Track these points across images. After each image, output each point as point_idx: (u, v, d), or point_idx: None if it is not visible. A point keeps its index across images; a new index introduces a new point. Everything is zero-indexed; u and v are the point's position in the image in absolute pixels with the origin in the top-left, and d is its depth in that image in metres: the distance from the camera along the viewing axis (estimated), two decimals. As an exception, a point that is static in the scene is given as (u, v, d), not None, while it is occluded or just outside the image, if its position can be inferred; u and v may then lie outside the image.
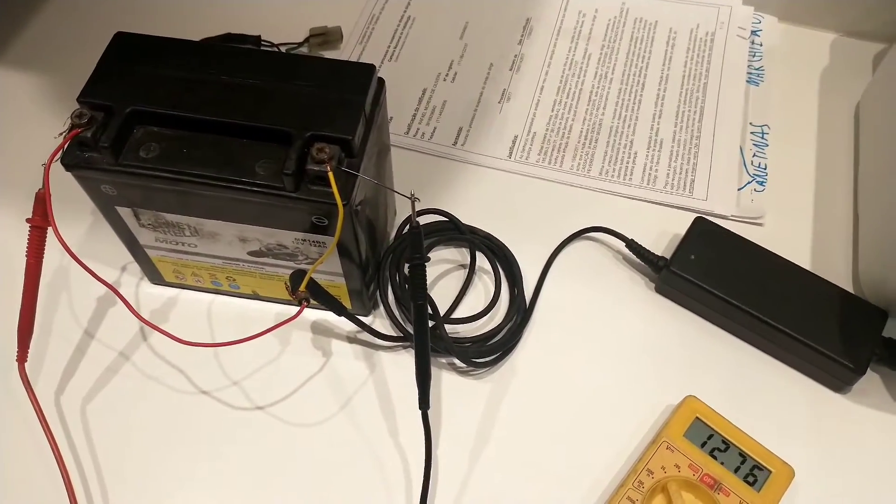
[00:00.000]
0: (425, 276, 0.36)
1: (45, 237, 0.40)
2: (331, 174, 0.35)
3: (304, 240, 0.40)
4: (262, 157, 0.37)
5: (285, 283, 0.40)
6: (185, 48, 0.40)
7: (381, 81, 0.41)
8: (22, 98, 0.57)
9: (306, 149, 0.36)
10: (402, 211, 0.51)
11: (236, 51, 0.40)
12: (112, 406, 0.45)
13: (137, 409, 0.45)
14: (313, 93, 0.38)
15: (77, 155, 0.38)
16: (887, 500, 0.43)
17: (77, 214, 0.50)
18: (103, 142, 0.37)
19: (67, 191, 0.39)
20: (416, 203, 0.35)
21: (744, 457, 0.42)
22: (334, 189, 0.36)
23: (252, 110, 0.38)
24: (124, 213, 0.41)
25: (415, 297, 0.37)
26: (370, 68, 0.39)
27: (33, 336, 0.43)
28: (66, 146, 0.37)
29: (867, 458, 0.44)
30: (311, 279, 0.40)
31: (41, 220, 0.39)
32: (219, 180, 0.37)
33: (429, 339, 0.39)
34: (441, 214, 0.50)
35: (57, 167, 0.38)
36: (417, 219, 0.40)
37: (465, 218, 0.50)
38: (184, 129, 0.38)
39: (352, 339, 0.47)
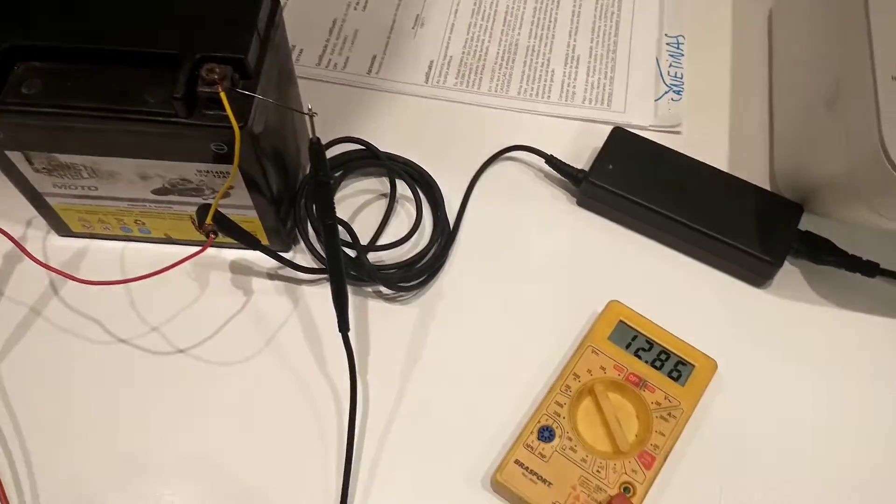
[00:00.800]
0: (331, 193, 0.35)
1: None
2: (222, 94, 0.34)
3: (208, 171, 0.39)
4: (152, 84, 0.36)
5: (191, 217, 0.38)
6: (62, -23, 0.38)
7: (274, 0, 0.39)
8: None
9: (196, 71, 0.35)
10: (318, 143, 0.50)
11: (116, -24, 0.38)
12: (27, 363, 0.43)
13: (54, 363, 0.43)
14: (202, 13, 0.37)
15: (-46, 97, 0.36)
16: (808, 386, 0.44)
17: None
18: (-21, 80, 0.35)
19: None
20: (313, 118, 0.33)
21: (667, 354, 0.42)
22: (228, 110, 0.34)
23: (138, 35, 0.36)
24: (15, 157, 0.39)
25: (322, 216, 0.36)
26: (261, -16, 0.38)
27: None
28: (-61, 88, 0.35)
29: (788, 348, 0.45)
30: (219, 212, 0.39)
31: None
32: (106, 111, 0.35)
33: (343, 260, 0.38)
34: (357, 143, 0.49)
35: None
36: (330, 149, 0.39)
37: (385, 146, 0.49)
38: (67, 62, 0.36)
39: (273, 276, 0.46)
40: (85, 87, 0.36)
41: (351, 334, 0.41)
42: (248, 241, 0.41)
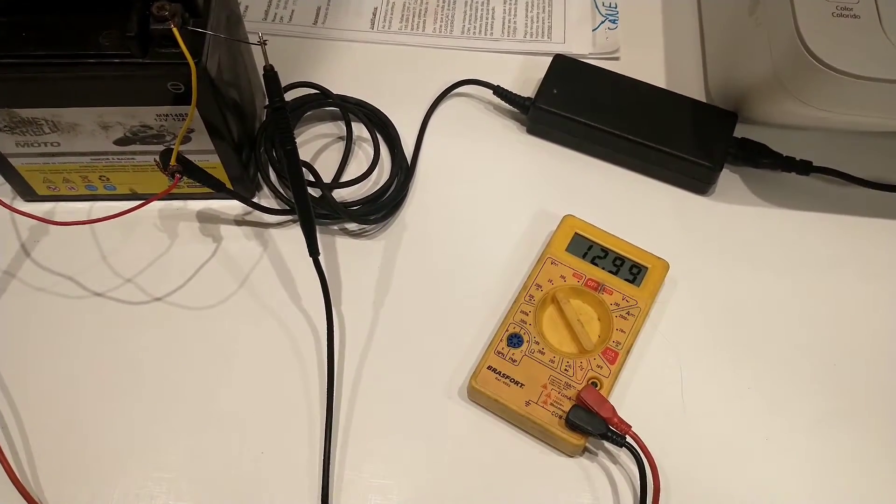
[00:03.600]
0: (288, 119, 0.37)
1: None
2: (175, 30, 0.35)
3: (167, 115, 0.40)
4: (105, 28, 0.37)
5: (155, 160, 0.40)
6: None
7: (217, -57, 0.40)
8: None
9: (147, 10, 0.36)
10: (272, 93, 0.51)
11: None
12: (5, 325, 0.44)
13: (32, 321, 0.44)
14: (146, -42, 0.38)
15: None
16: (754, 279, 0.47)
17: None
18: (-69, 35, 0.35)
19: None
20: (265, 45, 0.35)
21: (622, 259, 0.45)
22: (181, 45, 0.35)
23: (86, -18, 0.37)
24: (-25, 117, 0.40)
25: (282, 143, 0.37)
26: (202, -71, 0.39)
27: None
28: None
29: (732, 246, 0.48)
30: (182, 155, 0.40)
31: None
32: (63, 58, 0.36)
33: (306, 186, 0.40)
34: (310, 87, 0.50)
35: None
36: (284, 97, 0.40)
37: (337, 91, 0.51)
38: (18, 14, 0.37)
39: (240, 222, 0.48)
40: (40, 37, 0.37)
41: (323, 269, 0.43)
42: (213, 184, 0.42)
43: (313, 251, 0.41)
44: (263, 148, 0.47)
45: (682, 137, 0.48)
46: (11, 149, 0.43)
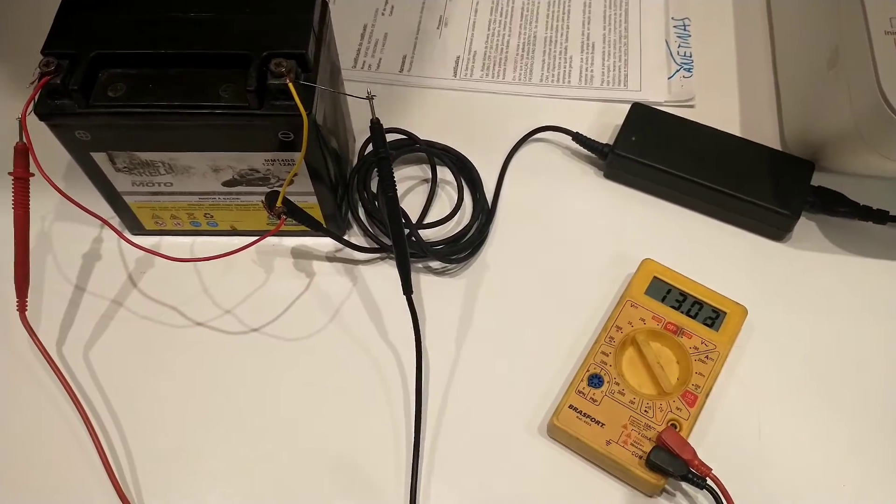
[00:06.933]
0: (391, 168, 0.39)
1: (29, 188, 0.42)
2: (291, 85, 0.38)
3: (274, 160, 0.43)
4: (224, 82, 0.40)
5: (262, 202, 0.42)
6: (134, -7, 0.42)
7: (324, 2, 0.43)
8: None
9: (265, 67, 0.39)
10: (360, 136, 0.54)
11: (183, -11, 0.42)
12: (113, 350, 0.47)
13: (138, 348, 0.47)
14: (263, 18, 0.41)
15: (49, 104, 0.40)
16: (831, 327, 0.47)
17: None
18: (72, 85, 0.39)
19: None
20: (373, 101, 0.38)
21: (700, 304, 0.46)
22: (296, 99, 0.38)
23: (208, 40, 0.40)
24: (99, 158, 0.43)
25: (384, 189, 0.40)
26: (312, -11, 0.42)
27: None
28: (37, 96, 0.39)
29: (809, 293, 0.49)
30: (286, 197, 0.43)
31: (23, 171, 0.41)
32: (186, 108, 0.40)
33: (403, 229, 0.42)
34: (398, 132, 0.53)
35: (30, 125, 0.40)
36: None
37: (422, 135, 0.53)
38: (146, 67, 0.41)
39: (331, 259, 0.50)
40: (165, 88, 0.40)
41: (415, 307, 0.45)
42: (313, 224, 0.45)
43: (407, 290, 0.43)
44: (356, 190, 0.50)
45: (759, 185, 0.50)
46: (127, 188, 0.46)
